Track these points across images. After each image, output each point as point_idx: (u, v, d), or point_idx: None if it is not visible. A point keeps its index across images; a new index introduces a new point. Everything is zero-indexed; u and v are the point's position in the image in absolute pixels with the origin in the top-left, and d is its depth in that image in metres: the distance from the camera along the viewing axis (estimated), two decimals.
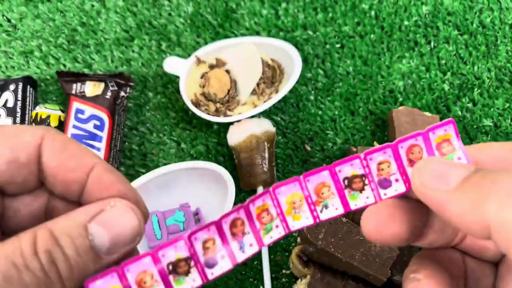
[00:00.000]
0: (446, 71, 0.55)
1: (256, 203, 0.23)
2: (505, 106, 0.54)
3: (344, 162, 0.23)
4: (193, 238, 0.22)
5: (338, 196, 0.23)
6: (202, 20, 0.57)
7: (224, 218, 0.22)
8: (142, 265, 0.21)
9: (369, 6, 0.57)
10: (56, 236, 0.20)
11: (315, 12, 0.58)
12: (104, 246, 0.20)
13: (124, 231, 0.21)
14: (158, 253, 0.22)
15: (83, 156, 0.22)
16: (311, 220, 0.23)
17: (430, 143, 0.22)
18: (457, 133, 0.22)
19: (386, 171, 0.23)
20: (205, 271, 0.22)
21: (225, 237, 0.23)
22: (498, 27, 0.56)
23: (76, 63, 0.56)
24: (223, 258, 0.23)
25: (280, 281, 0.49)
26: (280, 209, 0.23)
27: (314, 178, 0.23)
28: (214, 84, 0.51)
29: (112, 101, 0.51)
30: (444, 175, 0.20)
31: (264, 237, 0.23)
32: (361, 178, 0.23)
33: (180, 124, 0.54)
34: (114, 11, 0.58)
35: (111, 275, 0.21)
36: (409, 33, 0.56)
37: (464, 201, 0.18)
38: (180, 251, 0.22)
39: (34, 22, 0.57)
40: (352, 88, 0.55)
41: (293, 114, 0.54)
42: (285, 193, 0.23)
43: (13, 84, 0.51)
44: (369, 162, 0.23)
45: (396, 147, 0.22)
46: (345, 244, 0.42)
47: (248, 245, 0.23)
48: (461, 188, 0.19)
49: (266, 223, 0.23)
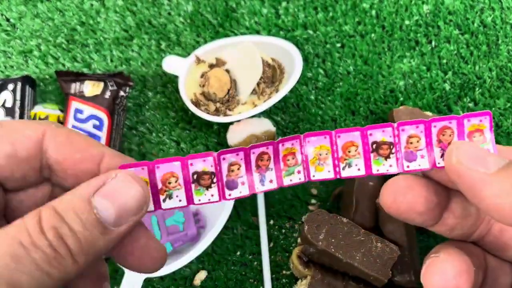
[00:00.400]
0: (447, 71, 0.55)
1: (286, 144, 0.24)
2: (506, 105, 0.53)
3: (377, 127, 0.23)
4: (221, 158, 0.23)
5: (363, 158, 0.24)
6: (202, 19, 0.57)
7: (253, 148, 0.24)
8: (171, 167, 0.23)
9: (370, 5, 0.57)
10: (60, 213, 0.20)
11: (315, 11, 0.57)
12: (111, 217, 0.20)
13: (129, 201, 0.21)
14: (188, 161, 0.23)
15: (89, 147, 0.22)
16: (332, 174, 0.24)
17: (463, 129, 0.22)
18: (491, 126, 0.22)
19: (414, 145, 0.23)
20: (225, 190, 0.24)
21: (250, 166, 0.24)
22: (499, 27, 0.56)
23: (75, 62, 0.56)
24: (243, 184, 0.24)
25: (280, 281, 0.48)
26: (305, 157, 0.24)
27: (344, 135, 0.24)
28: (214, 84, 0.51)
29: (111, 100, 0.50)
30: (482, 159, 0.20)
31: (284, 178, 0.24)
32: (389, 146, 0.23)
33: (179, 124, 0.54)
34: (113, 11, 0.58)
35: (142, 168, 0.23)
36: (410, 33, 0.56)
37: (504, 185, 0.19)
38: (207, 165, 0.23)
39: (33, 22, 0.57)
40: (352, 87, 0.55)
41: (293, 114, 0.54)
42: (314, 143, 0.24)
43: (11, 83, 0.51)
44: (400, 132, 0.23)
45: (430, 125, 0.23)
46: (346, 244, 0.42)
47: (269, 180, 0.24)
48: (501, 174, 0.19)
49: (290, 166, 0.24)
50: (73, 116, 0.49)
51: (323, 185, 0.51)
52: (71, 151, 0.22)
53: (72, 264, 0.19)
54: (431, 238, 0.49)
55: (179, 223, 0.47)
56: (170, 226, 0.47)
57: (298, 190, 0.51)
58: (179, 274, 0.49)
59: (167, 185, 0.23)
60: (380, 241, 0.42)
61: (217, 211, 0.48)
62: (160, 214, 0.47)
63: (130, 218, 0.21)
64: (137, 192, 0.21)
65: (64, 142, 0.22)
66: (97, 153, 0.22)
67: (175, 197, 0.23)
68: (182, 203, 0.23)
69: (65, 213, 0.20)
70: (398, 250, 0.42)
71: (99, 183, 0.21)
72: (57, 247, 0.19)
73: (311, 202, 0.51)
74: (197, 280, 0.49)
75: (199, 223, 0.48)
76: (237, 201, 0.50)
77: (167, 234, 0.46)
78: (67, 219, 0.19)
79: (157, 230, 0.46)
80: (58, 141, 0.22)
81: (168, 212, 0.48)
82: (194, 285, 0.49)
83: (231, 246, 0.50)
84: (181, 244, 0.48)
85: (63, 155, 0.22)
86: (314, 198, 0.51)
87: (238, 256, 0.50)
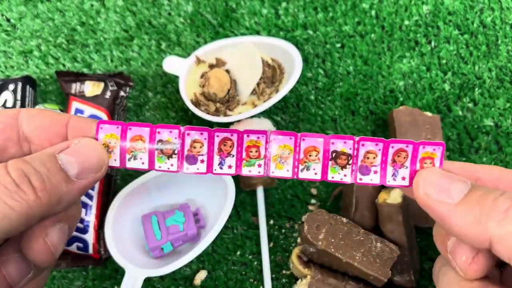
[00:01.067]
0: (446, 71, 0.55)
1: (251, 136, 0.26)
2: (506, 106, 0.54)
3: (340, 138, 0.25)
4: (186, 133, 0.26)
5: (322, 164, 0.25)
6: (202, 19, 0.57)
7: (218, 131, 0.26)
8: (141, 131, 0.25)
9: (370, 5, 0.57)
10: (27, 160, 0.23)
11: (315, 11, 0.57)
12: (74, 169, 0.23)
13: (91, 158, 0.24)
14: (156, 129, 0.26)
15: (56, 114, 0.26)
16: (291, 174, 0.26)
17: (417, 155, 0.24)
18: (442, 155, 0.24)
19: (370, 161, 0.25)
20: (183, 163, 0.26)
21: (212, 147, 0.26)
22: (499, 27, 0.56)
23: (75, 62, 0.56)
24: (202, 162, 0.26)
25: (280, 281, 0.48)
26: (269, 153, 0.26)
27: (309, 139, 0.25)
28: (214, 84, 0.51)
29: (112, 101, 0.50)
30: (446, 188, 0.22)
31: (244, 167, 0.26)
32: (347, 157, 0.25)
33: (179, 124, 0.54)
34: (113, 11, 0.58)
35: (117, 126, 0.25)
36: (409, 33, 0.56)
37: (468, 216, 0.21)
38: (172, 136, 0.26)
39: (33, 22, 0.57)
40: (352, 88, 0.55)
41: (293, 114, 0.54)
42: (279, 142, 0.26)
43: (12, 84, 0.51)
44: (360, 147, 0.25)
45: (388, 145, 0.25)
46: (346, 244, 0.42)
47: (227, 166, 0.26)
48: (464, 203, 0.21)
49: (252, 158, 0.26)
50: None
51: (323, 185, 0.51)
52: (40, 119, 0.25)
53: (34, 200, 0.21)
54: (430, 238, 0.49)
55: (179, 223, 0.47)
56: (170, 226, 0.47)
57: (298, 190, 0.51)
58: (179, 274, 0.49)
59: (134, 146, 0.25)
60: (380, 241, 0.42)
61: (217, 210, 0.48)
62: (161, 214, 0.48)
63: (90, 174, 0.24)
64: (98, 153, 0.25)
65: (35, 114, 0.25)
66: (64, 118, 0.25)
67: (139, 159, 0.26)
68: (144, 166, 0.26)
69: (31, 160, 0.22)
70: (398, 250, 0.42)
71: (64, 145, 0.24)
72: (19, 183, 0.21)
73: (311, 202, 0.51)
74: (197, 280, 0.49)
75: (199, 223, 0.48)
76: (237, 201, 0.50)
77: (167, 234, 0.46)
78: (33, 164, 0.22)
79: (157, 230, 0.46)
80: (31, 113, 0.25)
81: (169, 212, 0.48)
82: (194, 285, 0.49)
83: (231, 246, 0.50)
84: (181, 244, 0.48)
85: (35, 123, 0.25)
86: (314, 198, 0.51)
87: (238, 256, 0.50)
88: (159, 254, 0.47)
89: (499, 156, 0.52)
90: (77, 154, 0.24)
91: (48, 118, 0.25)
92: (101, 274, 0.49)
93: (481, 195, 0.21)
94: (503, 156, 0.52)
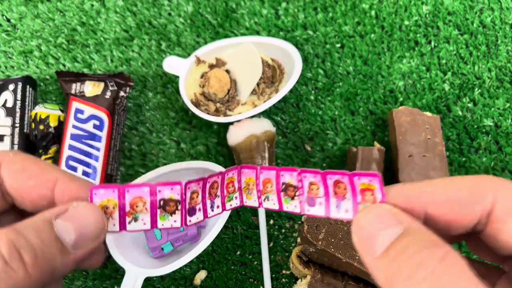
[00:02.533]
0: (446, 71, 0.55)
1: (229, 174, 0.27)
2: (505, 106, 0.54)
3: (287, 170, 0.25)
4: (187, 187, 0.26)
5: (276, 194, 0.26)
6: (202, 19, 0.57)
7: (210, 178, 0.26)
8: (140, 192, 0.24)
9: (369, 5, 0.57)
10: (19, 229, 0.20)
11: (315, 11, 0.57)
12: (71, 238, 0.22)
13: (89, 225, 0.22)
14: (157, 188, 0.25)
15: (42, 173, 0.23)
16: (257, 203, 0.27)
17: (355, 186, 0.23)
18: (381, 186, 0.23)
19: (315, 192, 0.25)
20: (186, 217, 0.26)
21: (204, 194, 0.26)
22: (499, 27, 0.56)
23: (75, 63, 0.56)
24: (200, 210, 0.26)
25: (280, 281, 0.48)
26: (239, 185, 0.27)
27: (265, 172, 0.26)
28: (214, 84, 0.51)
29: (112, 101, 0.50)
30: (372, 239, 0.21)
31: (227, 203, 0.27)
32: (294, 188, 0.25)
33: (180, 124, 0.54)
34: (113, 11, 0.58)
35: (113, 190, 0.24)
36: (409, 33, 0.56)
37: (385, 272, 0.20)
38: (174, 193, 0.25)
39: (33, 22, 0.57)
40: (352, 88, 0.55)
41: (293, 114, 0.54)
42: (246, 175, 0.27)
43: (12, 84, 0.51)
44: (303, 179, 0.25)
45: (325, 177, 0.24)
46: (345, 244, 0.42)
47: (216, 206, 0.27)
48: (384, 257, 0.20)
49: (230, 193, 0.27)
50: (74, 116, 0.49)
51: None
52: (25, 178, 0.23)
53: (24, 276, 0.20)
54: None
55: None
56: None
57: None
58: (179, 274, 0.49)
59: (135, 208, 0.24)
60: None
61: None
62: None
63: (88, 243, 0.22)
64: (97, 219, 0.23)
65: (19, 169, 0.23)
66: (51, 179, 0.23)
67: (140, 220, 0.24)
68: (146, 226, 0.24)
69: (24, 229, 0.20)
70: None
71: (61, 209, 0.22)
72: (9, 259, 0.19)
73: None
74: (197, 279, 0.49)
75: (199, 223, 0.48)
76: None
77: (167, 234, 0.46)
78: (26, 234, 0.20)
79: (157, 230, 0.47)
80: (13, 169, 0.23)
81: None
82: (194, 285, 0.49)
83: (231, 246, 0.50)
84: (181, 244, 0.48)
85: (18, 183, 0.23)
86: None
87: (238, 255, 0.50)
88: (159, 254, 0.47)
89: (499, 156, 0.52)
90: (75, 219, 0.22)
91: (33, 180, 0.23)
92: (102, 274, 0.49)
93: (402, 248, 0.20)
94: (503, 156, 0.52)
